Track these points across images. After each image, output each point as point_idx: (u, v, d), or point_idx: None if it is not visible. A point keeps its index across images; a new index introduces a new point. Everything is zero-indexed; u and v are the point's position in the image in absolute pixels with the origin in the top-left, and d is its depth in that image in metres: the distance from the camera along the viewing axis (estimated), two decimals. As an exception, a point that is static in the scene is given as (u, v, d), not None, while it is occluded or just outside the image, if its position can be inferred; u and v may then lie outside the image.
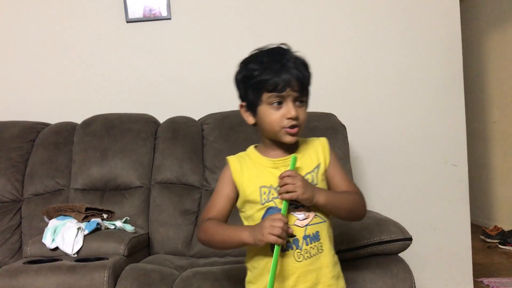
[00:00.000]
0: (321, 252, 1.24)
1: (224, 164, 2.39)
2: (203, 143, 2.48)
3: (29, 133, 2.57)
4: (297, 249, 1.22)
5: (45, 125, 2.64)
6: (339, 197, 1.25)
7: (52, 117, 2.70)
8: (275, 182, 1.23)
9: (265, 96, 1.22)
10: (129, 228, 2.11)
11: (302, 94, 1.23)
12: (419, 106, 2.82)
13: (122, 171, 2.41)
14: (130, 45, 2.84)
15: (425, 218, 2.79)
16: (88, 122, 2.56)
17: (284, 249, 1.22)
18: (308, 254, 1.22)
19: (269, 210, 1.24)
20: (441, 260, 2.79)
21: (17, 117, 2.72)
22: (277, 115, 1.22)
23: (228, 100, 2.74)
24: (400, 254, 1.79)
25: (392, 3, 2.81)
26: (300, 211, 1.23)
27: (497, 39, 4.60)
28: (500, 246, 4.00)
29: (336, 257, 1.30)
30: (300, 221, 1.22)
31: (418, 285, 1.73)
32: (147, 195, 2.39)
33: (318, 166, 1.28)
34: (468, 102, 2.96)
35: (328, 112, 2.52)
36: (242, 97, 1.30)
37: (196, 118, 2.60)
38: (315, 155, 1.29)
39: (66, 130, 2.56)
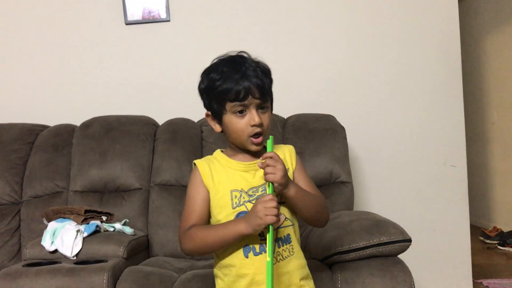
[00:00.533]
0: (292, 254, 1.26)
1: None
2: (202, 144, 2.48)
3: (28, 135, 2.57)
4: None
5: (44, 127, 2.64)
6: (308, 195, 1.26)
7: (51, 119, 2.69)
8: (246, 186, 1.24)
9: (228, 105, 1.22)
10: (128, 230, 2.11)
11: (264, 101, 1.23)
12: (418, 107, 2.82)
13: (121, 173, 2.41)
14: (129, 47, 2.84)
15: (424, 219, 2.79)
16: (87, 124, 2.56)
17: (257, 253, 1.22)
18: (280, 257, 1.24)
19: (240, 215, 1.22)
20: (440, 261, 2.79)
21: (16, 119, 2.71)
22: (242, 123, 1.23)
23: (227, 102, 2.76)
24: (400, 256, 1.79)
25: (391, 4, 2.82)
26: None
27: (496, 40, 4.61)
28: (499, 247, 4.00)
29: (304, 259, 1.31)
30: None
31: (417, 287, 1.72)
32: (146, 197, 2.39)
33: (287, 169, 1.26)
34: (467, 103, 2.96)
35: (327, 113, 2.52)
36: (207, 106, 1.30)
37: (195, 119, 2.60)
38: (283, 159, 1.27)
39: (65, 132, 2.56)
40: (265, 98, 1.24)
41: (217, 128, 1.29)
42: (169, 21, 2.81)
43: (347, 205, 2.31)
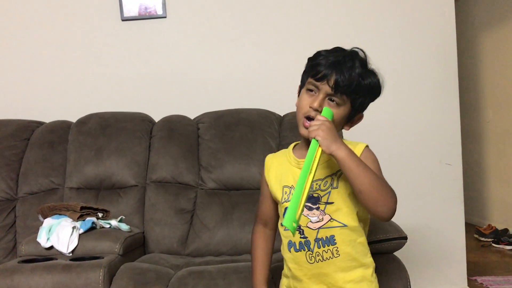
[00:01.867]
0: (337, 256, 1.22)
1: (220, 162, 2.40)
2: (198, 142, 2.48)
3: (24, 132, 2.55)
4: (308, 250, 1.23)
5: (40, 123, 2.63)
6: (362, 164, 1.14)
7: (47, 116, 2.68)
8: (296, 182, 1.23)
9: (308, 80, 1.24)
10: (124, 227, 2.11)
11: (336, 94, 1.20)
12: (414, 105, 2.83)
13: (117, 170, 2.40)
14: (126, 44, 2.83)
15: (419, 217, 2.80)
16: (83, 121, 2.55)
17: (297, 249, 1.25)
18: (320, 257, 1.23)
19: (286, 210, 1.21)
20: (435, 259, 2.80)
21: (11, 115, 2.70)
22: (305, 101, 1.23)
23: (224, 98, 2.76)
24: (395, 253, 1.80)
25: (387, 3, 2.82)
26: (314, 213, 1.23)
27: (492, 39, 4.62)
28: (493, 244, 4.02)
29: (360, 262, 1.26)
30: (312, 223, 1.23)
31: (412, 284, 1.73)
32: (142, 194, 2.39)
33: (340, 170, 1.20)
34: (462, 101, 2.97)
35: (323, 111, 2.52)
36: (302, 75, 1.32)
37: (192, 116, 2.59)
38: None
39: (60, 129, 2.55)
40: (339, 92, 1.20)
41: (296, 102, 1.30)
42: (165, 17, 2.81)
43: (343, 203, 2.31)
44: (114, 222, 2.10)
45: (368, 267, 1.28)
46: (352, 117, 1.28)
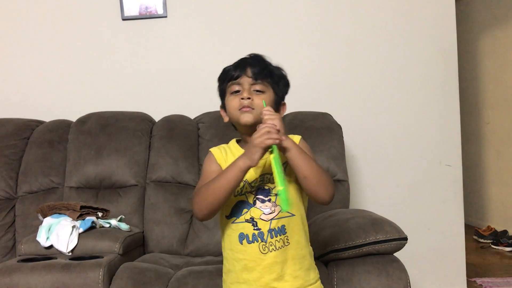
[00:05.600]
0: (287, 245, 1.28)
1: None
2: (198, 141, 2.48)
3: (23, 131, 2.55)
4: (262, 241, 1.27)
5: (40, 122, 2.63)
6: (306, 154, 1.25)
7: (47, 115, 2.68)
8: (250, 177, 1.29)
9: (228, 87, 1.36)
10: (124, 226, 2.10)
11: (257, 81, 1.32)
12: (414, 106, 2.82)
13: (117, 169, 2.40)
14: (126, 43, 2.83)
15: (419, 218, 2.80)
16: (83, 120, 2.55)
17: (250, 241, 1.27)
18: (273, 247, 1.27)
19: (239, 204, 1.29)
20: (435, 260, 2.80)
21: (11, 114, 2.70)
22: (235, 100, 1.33)
23: (224, 99, 2.76)
24: (395, 254, 1.79)
25: (388, 4, 2.82)
26: (266, 205, 1.28)
27: (492, 41, 4.63)
28: (493, 246, 4.02)
29: (306, 250, 1.33)
30: (265, 215, 1.28)
31: (412, 285, 1.73)
32: (142, 193, 2.39)
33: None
34: (462, 102, 2.97)
35: (323, 111, 2.52)
36: (220, 96, 1.42)
37: (192, 116, 2.59)
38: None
39: (60, 128, 2.55)
40: (258, 78, 1.33)
41: (224, 117, 1.40)
42: (166, 17, 2.80)
43: (343, 203, 2.31)
44: (113, 222, 2.10)
45: (312, 255, 1.37)
46: (278, 105, 1.38)
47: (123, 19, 2.80)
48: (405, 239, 1.76)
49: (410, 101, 2.82)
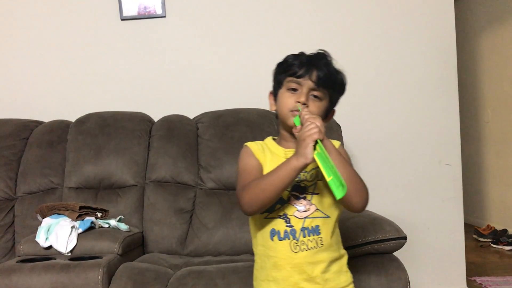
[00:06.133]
0: (321, 246, 1.25)
1: (219, 162, 2.39)
2: (197, 141, 2.48)
3: (23, 131, 2.55)
4: (293, 239, 1.24)
5: (39, 123, 2.62)
6: (344, 160, 1.23)
7: (46, 115, 2.68)
8: None
9: (286, 80, 1.30)
10: (123, 226, 2.10)
11: (318, 88, 1.27)
12: (413, 105, 2.82)
13: (116, 169, 2.40)
14: (125, 43, 2.82)
15: (418, 217, 2.80)
16: (82, 120, 2.54)
17: (281, 238, 1.24)
18: (305, 246, 1.24)
19: (277, 202, 1.25)
20: (434, 259, 2.80)
21: (10, 115, 2.70)
22: (289, 98, 1.28)
23: (223, 98, 2.76)
24: (395, 253, 1.79)
25: (386, 3, 2.82)
26: (301, 203, 1.25)
27: (491, 39, 4.63)
28: (492, 245, 4.02)
29: (338, 253, 1.30)
30: (299, 212, 1.25)
31: (412, 284, 1.73)
32: (142, 193, 2.38)
33: None
34: (461, 101, 2.97)
35: (323, 111, 2.52)
36: (273, 82, 1.37)
37: (191, 116, 2.59)
38: None
39: (59, 128, 2.55)
40: (321, 86, 1.27)
41: (272, 106, 1.36)
42: (164, 17, 2.80)
43: (342, 203, 2.31)
44: (113, 222, 2.09)
45: (344, 258, 1.33)
46: (328, 112, 1.34)
47: (122, 19, 2.80)
48: (405, 238, 1.76)
49: (410, 100, 2.82)
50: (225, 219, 2.27)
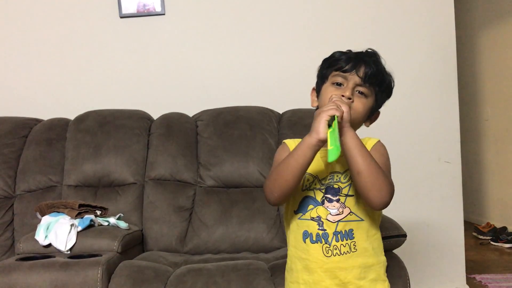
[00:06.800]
0: (354, 251, 1.20)
1: (219, 160, 2.39)
2: (197, 139, 2.47)
3: (22, 129, 2.54)
4: (325, 243, 1.20)
5: (38, 121, 2.62)
6: (365, 149, 1.16)
7: (45, 113, 2.67)
8: (321, 174, 1.24)
9: (332, 74, 1.26)
10: (122, 224, 2.10)
11: (365, 84, 1.23)
12: (413, 103, 2.82)
13: (115, 167, 2.39)
14: (124, 41, 2.82)
15: (418, 215, 2.80)
16: (81, 118, 2.54)
17: (314, 241, 1.21)
18: (337, 251, 1.20)
19: (306, 199, 1.23)
20: (434, 257, 2.80)
21: (9, 112, 2.69)
22: (333, 92, 1.23)
23: (223, 96, 2.76)
24: (394, 251, 1.79)
25: (386, 1, 2.81)
26: (334, 206, 1.21)
27: (491, 37, 4.62)
28: (492, 243, 4.03)
29: (375, 259, 1.24)
30: (332, 216, 1.21)
31: (411, 282, 1.73)
32: (141, 191, 2.38)
33: None
34: (461, 99, 2.97)
35: (322, 108, 2.51)
36: (317, 78, 1.33)
37: (190, 114, 2.58)
38: None
39: (58, 126, 2.54)
40: (367, 82, 1.23)
41: (313, 101, 1.32)
42: (164, 14, 2.80)
43: (342, 200, 2.31)
44: (112, 220, 2.09)
45: (383, 265, 1.27)
46: (373, 113, 1.31)
47: (121, 17, 2.79)
48: (404, 236, 1.76)
49: (409, 97, 2.82)
50: (225, 217, 2.27)
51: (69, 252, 1.88)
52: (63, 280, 1.70)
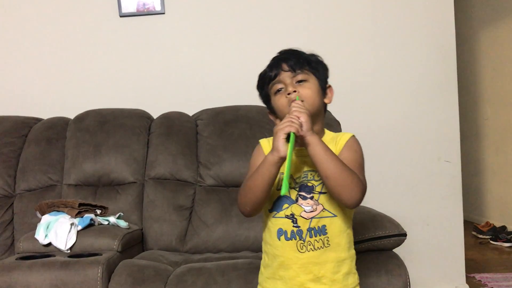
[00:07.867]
0: (327, 246, 1.24)
1: (219, 159, 2.39)
2: (197, 138, 2.47)
3: (21, 128, 2.54)
4: (300, 240, 1.24)
5: (38, 120, 2.62)
6: (331, 152, 1.20)
7: (45, 112, 2.67)
8: (295, 173, 1.27)
9: (270, 89, 1.33)
10: (122, 224, 2.10)
11: (296, 72, 1.29)
12: (413, 102, 2.82)
13: (115, 166, 2.39)
14: (124, 40, 2.82)
15: (418, 214, 2.80)
16: (81, 117, 2.54)
17: (288, 238, 1.24)
18: (311, 247, 1.23)
19: (280, 198, 1.26)
20: (434, 256, 2.80)
21: (9, 111, 2.69)
22: (281, 99, 1.30)
23: (223, 95, 2.76)
24: (394, 250, 1.79)
25: (386, 1, 2.81)
26: (308, 203, 1.24)
27: (491, 36, 4.62)
28: (491, 242, 4.03)
29: (347, 254, 1.28)
30: (306, 213, 1.24)
31: (411, 281, 1.73)
32: (141, 190, 2.38)
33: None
34: (461, 98, 2.97)
35: (322, 108, 2.52)
36: (263, 102, 1.40)
37: (190, 113, 2.58)
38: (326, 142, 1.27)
39: (58, 125, 2.54)
40: (297, 69, 1.29)
41: (276, 120, 1.36)
42: (164, 13, 2.79)
43: (342, 200, 2.31)
44: (112, 219, 2.09)
45: (353, 259, 1.31)
46: (324, 89, 1.35)
47: (121, 16, 2.79)
48: (404, 235, 1.76)
49: (409, 97, 2.82)
50: (225, 216, 2.27)
51: (69, 251, 1.88)
52: (63, 279, 1.70)
